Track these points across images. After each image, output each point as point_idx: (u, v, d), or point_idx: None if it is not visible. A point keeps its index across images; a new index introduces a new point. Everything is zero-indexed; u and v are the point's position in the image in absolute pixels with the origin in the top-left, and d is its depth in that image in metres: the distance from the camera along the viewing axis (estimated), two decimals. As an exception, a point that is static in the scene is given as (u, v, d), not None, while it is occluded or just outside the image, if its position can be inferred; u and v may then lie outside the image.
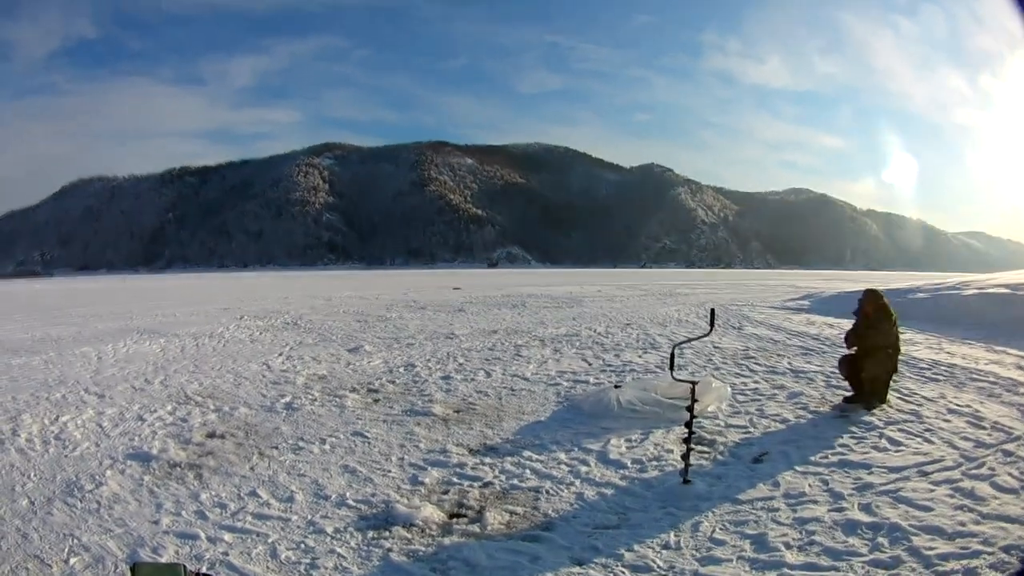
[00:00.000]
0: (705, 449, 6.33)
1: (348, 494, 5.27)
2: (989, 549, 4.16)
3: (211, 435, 7.04)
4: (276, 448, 6.52)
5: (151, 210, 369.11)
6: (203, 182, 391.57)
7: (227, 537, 4.50)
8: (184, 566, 3.24)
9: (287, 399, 8.65)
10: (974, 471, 5.50)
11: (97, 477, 5.75)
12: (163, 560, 4.13)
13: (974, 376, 9.42)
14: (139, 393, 9.25)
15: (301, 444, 6.64)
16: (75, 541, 4.50)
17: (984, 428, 6.76)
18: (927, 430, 6.75)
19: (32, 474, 5.91)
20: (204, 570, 4.05)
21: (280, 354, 12.61)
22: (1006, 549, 4.14)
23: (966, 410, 7.48)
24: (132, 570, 3.19)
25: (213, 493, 5.31)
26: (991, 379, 9.18)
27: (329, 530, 4.61)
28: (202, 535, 4.53)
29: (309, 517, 4.81)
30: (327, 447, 6.54)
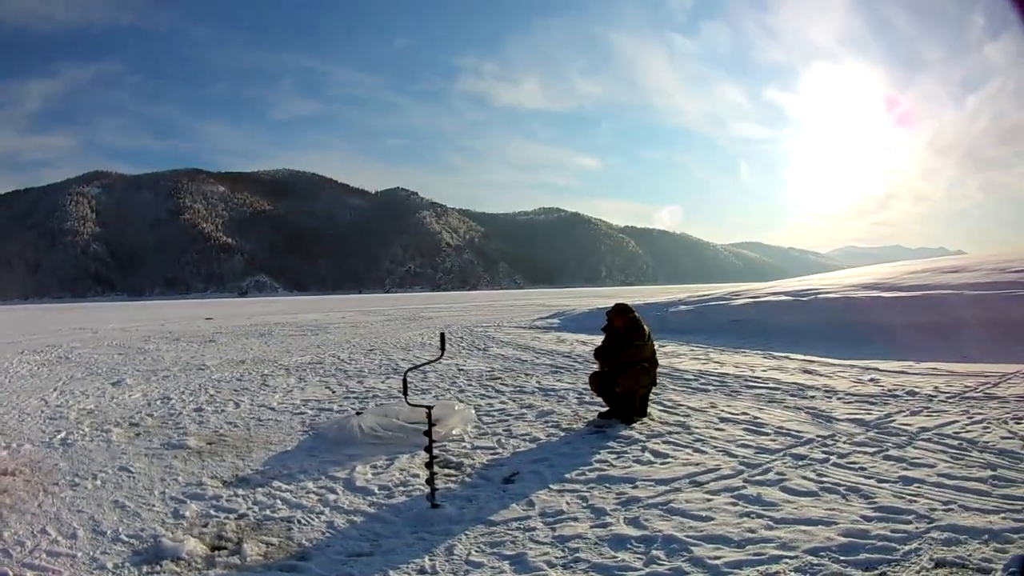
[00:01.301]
0: (452, 472, 6.32)
1: (121, 529, 5.23)
2: (790, 553, 4.20)
3: (3, 472, 6.96)
4: (57, 484, 6.50)
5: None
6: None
7: (29, 575, 4.58)
8: None
9: (62, 435, 8.54)
10: (759, 477, 5.63)
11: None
12: None
13: (750, 384, 9.85)
14: (-71, 432, 8.94)
15: (77, 480, 6.62)
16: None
17: (767, 434, 6.98)
18: (697, 440, 6.88)
19: None
20: None
21: (55, 389, 12.33)
22: (812, 552, 4.21)
23: (742, 418, 7.73)
24: None
25: (13, 531, 5.31)
26: (771, 385, 9.62)
27: (110, 566, 4.61)
28: (10, 573, 4.61)
29: (91, 553, 4.85)
30: (99, 482, 6.52)
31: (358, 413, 8.33)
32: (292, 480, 6.37)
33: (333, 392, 11.05)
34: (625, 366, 7.79)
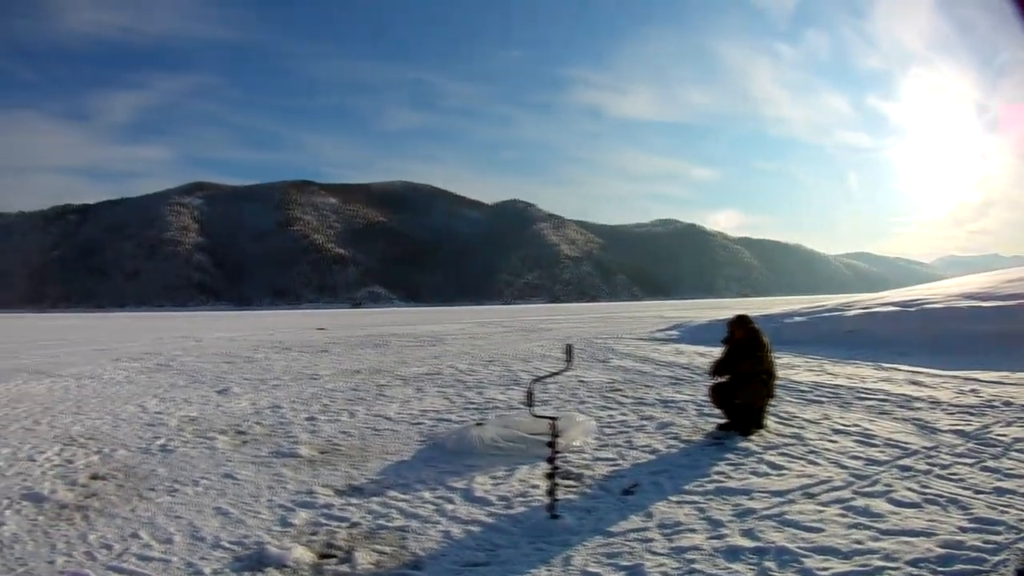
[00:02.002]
0: (572, 483, 6.23)
1: (222, 535, 5.23)
2: (893, 565, 4.20)
3: (95, 477, 7.00)
4: (153, 490, 6.49)
5: (37, 248, 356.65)
6: (83, 220, 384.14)
7: (115, 579, 4.55)
8: None
9: (162, 441, 8.56)
10: (867, 489, 5.58)
11: (-1, 516, 5.74)
12: None
13: (861, 395, 9.60)
14: (29, 434, 9.10)
15: (176, 486, 6.60)
16: (-20, 579, 4.51)
17: (876, 445, 6.90)
18: (811, 452, 6.80)
19: (-61, 512, 5.86)
20: None
21: (155, 396, 12.39)
22: (913, 563, 4.20)
23: (853, 429, 7.60)
24: None
25: (99, 534, 5.31)
26: (880, 397, 9.39)
27: (207, 571, 4.60)
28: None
29: (187, 559, 4.82)
30: (200, 489, 6.51)
31: (478, 424, 8.26)
32: (408, 490, 6.34)
33: (452, 403, 10.91)
34: (744, 378, 7.70)
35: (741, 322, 7.93)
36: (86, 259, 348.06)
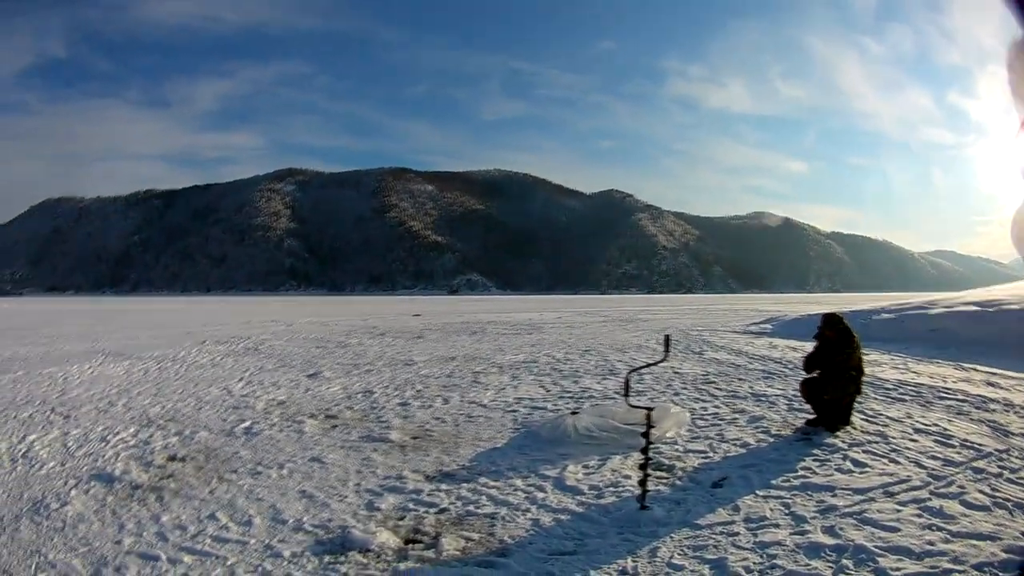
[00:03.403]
0: (664, 475, 6.27)
1: (305, 519, 5.24)
2: (960, 568, 4.24)
3: (172, 458, 7.02)
4: (235, 472, 6.49)
5: (117, 233, 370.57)
6: (168, 205, 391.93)
7: (187, 559, 4.52)
8: None
9: (246, 424, 8.58)
10: (942, 490, 5.57)
11: (63, 496, 5.76)
12: None
13: (942, 395, 9.52)
14: (103, 415, 9.20)
15: (259, 469, 6.60)
16: (42, 558, 4.55)
17: (953, 446, 6.86)
18: (893, 450, 6.78)
19: (0, 491, 5.93)
20: None
21: (240, 379, 12.50)
22: (978, 567, 4.23)
23: (933, 429, 7.56)
24: None
25: (174, 515, 5.29)
26: (959, 397, 9.30)
27: (286, 554, 4.61)
28: (163, 556, 4.54)
29: (267, 541, 4.79)
30: (285, 472, 6.49)
31: (573, 413, 8.28)
32: (500, 477, 6.38)
33: (547, 391, 10.86)
34: (834, 374, 7.72)
35: (831, 322, 7.90)
36: (171, 244, 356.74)
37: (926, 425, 7.75)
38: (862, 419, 8.04)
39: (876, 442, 7.09)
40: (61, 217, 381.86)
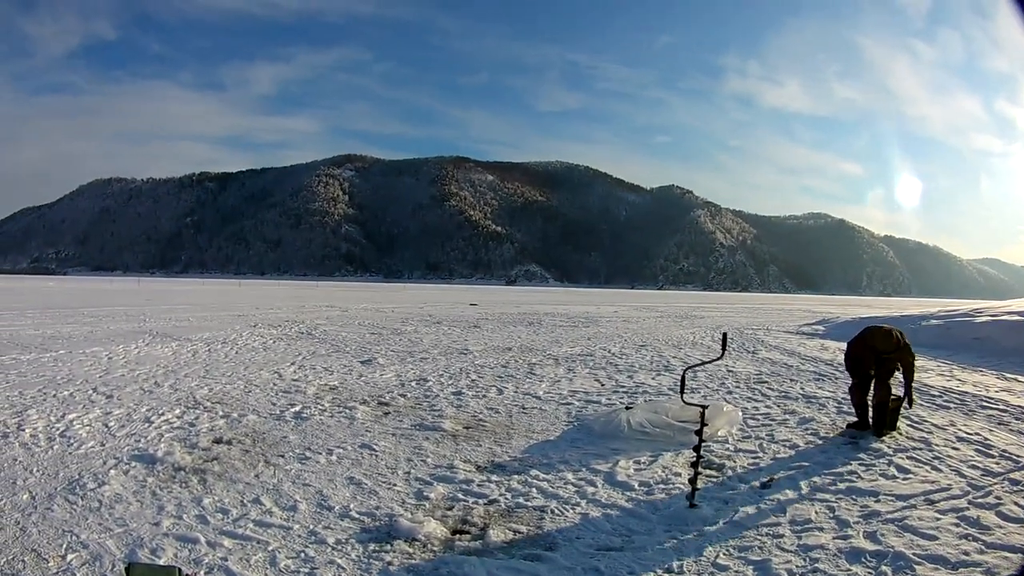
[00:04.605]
0: (713, 473, 6.28)
1: (352, 506, 5.19)
2: None
3: (218, 441, 7.00)
4: (282, 457, 6.47)
5: (169, 214, 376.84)
6: (222, 188, 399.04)
7: (227, 543, 4.46)
8: (179, 569, 3.28)
9: (296, 408, 8.58)
10: (980, 500, 5.55)
11: (100, 476, 5.73)
12: (160, 562, 4.13)
13: (984, 404, 9.54)
14: (147, 395, 9.22)
15: (308, 454, 6.57)
16: (74, 538, 4.48)
17: (992, 456, 6.84)
18: (936, 458, 6.77)
19: (35, 469, 5.90)
20: (201, 574, 4.04)
21: (292, 363, 12.54)
22: None
23: (975, 438, 7.54)
24: (127, 570, 3.20)
25: (216, 498, 5.26)
26: (1001, 407, 9.32)
27: (331, 541, 4.56)
28: (202, 539, 4.49)
29: (311, 527, 4.75)
30: (334, 458, 6.46)
31: (627, 408, 8.35)
32: (551, 469, 6.37)
33: (602, 385, 10.91)
34: (882, 379, 7.69)
35: (883, 336, 7.80)
36: (224, 226, 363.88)
37: (968, 434, 7.78)
38: (907, 425, 8.11)
39: (920, 449, 7.15)
40: (111, 198, 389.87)
